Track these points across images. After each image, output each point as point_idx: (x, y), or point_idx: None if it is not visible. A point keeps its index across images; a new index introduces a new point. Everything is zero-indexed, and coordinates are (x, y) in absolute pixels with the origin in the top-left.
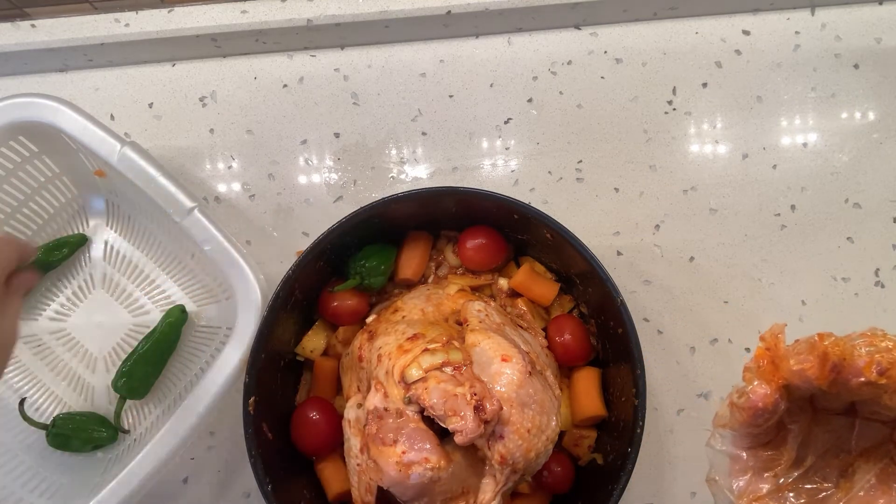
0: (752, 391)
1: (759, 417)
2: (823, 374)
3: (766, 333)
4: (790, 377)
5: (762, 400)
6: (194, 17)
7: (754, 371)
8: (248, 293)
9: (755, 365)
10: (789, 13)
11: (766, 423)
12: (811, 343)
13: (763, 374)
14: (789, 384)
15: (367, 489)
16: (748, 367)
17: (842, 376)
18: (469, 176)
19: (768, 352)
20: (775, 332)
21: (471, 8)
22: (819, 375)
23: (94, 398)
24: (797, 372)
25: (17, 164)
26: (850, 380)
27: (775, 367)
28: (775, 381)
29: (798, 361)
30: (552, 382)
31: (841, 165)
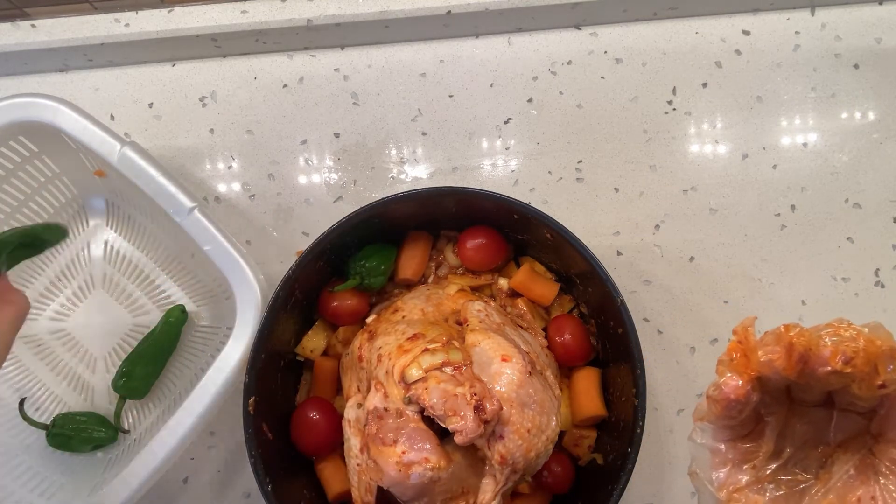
0: (724, 383)
1: (733, 409)
2: (791, 365)
3: (738, 326)
4: (760, 368)
5: (734, 392)
6: (194, 17)
7: (726, 364)
8: (248, 293)
9: (727, 358)
10: (789, 13)
11: (739, 414)
12: (778, 334)
13: (735, 367)
14: (761, 376)
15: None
16: (721, 360)
17: (809, 366)
18: (469, 176)
19: (740, 344)
20: (746, 324)
21: (471, 8)
22: (786, 366)
23: (94, 398)
24: (765, 363)
25: (17, 164)
26: (816, 369)
27: (747, 359)
28: (747, 373)
29: (766, 353)
30: (552, 382)
31: (841, 165)
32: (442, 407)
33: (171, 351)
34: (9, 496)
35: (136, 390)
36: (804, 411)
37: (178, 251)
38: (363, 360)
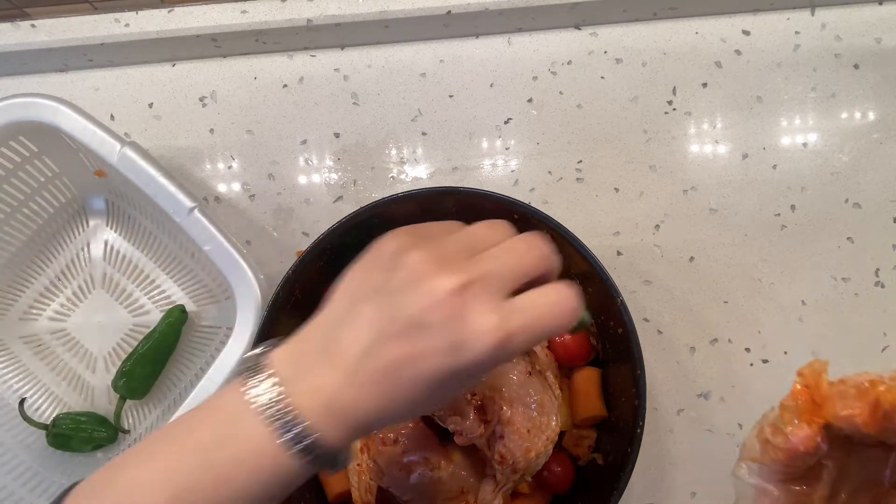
0: (792, 433)
1: (798, 459)
2: (874, 422)
3: (806, 370)
4: (835, 421)
5: (803, 443)
6: (194, 17)
7: (792, 410)
8: (248, 293)
9: (793, 402)
10: (789, 13)
11: (804, 464)
12: (861, 388)
13: (802, 414)
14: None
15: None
16: (785, 405)
17: (892, 422)
18: (469, 176)
19: (808, 389)
20: (818, 369)
21: (471, 8)
22: (868, 422)
23: (94, 398)
24: (845, 417)
25: (17, 164)
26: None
27: (816, 406)
28: (816, 421)
29: (845, 406)
30: (552, 382)
31: (841, 165)
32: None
33: (171, 351)
34: (9, 496)
35: (136, 390)
36: (860, 451)
37: (178, 251)
38: None
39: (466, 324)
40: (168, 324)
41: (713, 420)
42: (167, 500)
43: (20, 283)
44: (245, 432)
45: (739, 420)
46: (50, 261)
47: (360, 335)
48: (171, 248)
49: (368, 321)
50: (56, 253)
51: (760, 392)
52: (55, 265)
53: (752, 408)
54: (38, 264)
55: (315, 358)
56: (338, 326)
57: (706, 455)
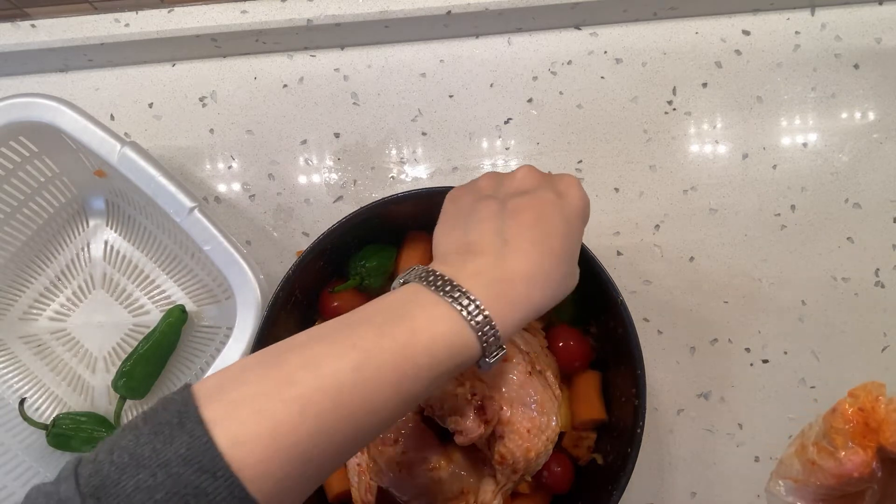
0: (847, 458)
1: (850, 485)
2: None
3: (860, 391)
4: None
5: (858, 469)
6: (194, 17)
7: (845, 433)
8: (248, 293)
9: (843, 425)
10: (789, 13)
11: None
12: None
13: (856, 437)
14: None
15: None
16: (837, 429)
17: None
18: (469, 176)
19: (862, 412)
20: (874, 392)
21: (471, 8)
22: None
23: (94, 398)
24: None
25: (17, 164)
26: None
27: (870, 429)
28: (871, 445)
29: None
30: (552, 382)
31: (841, 165)
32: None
33: (171, 351)
34: (9, 496)
35: (136, 390)
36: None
37: (177, 251)
38: None
39: (556, 183)
40: (168, 324)
41: (713, 420)
42: (351, 368)
43: (20, 283)
44: (428, 312)
45: (739, 420)
46: (50, 261)
47: (488, 221)
48: (171, 248)
49: (489, 209)
50: (56, 253)
51: (760, 392)
52: (55, 265)
53: (752, 408)
54: (38, 264)
55: (462, 257)
56: (465, 230)
57: (706, 455)
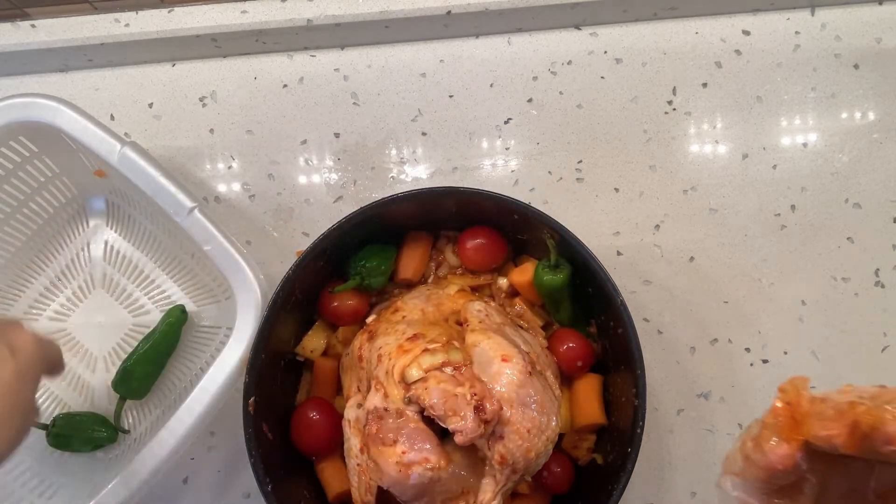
0: (771, 450)
1: (777, 477)
2: (853, 443)
3: (788, 386)
4: (815, 441)
5: (782, 462)
6: (194, 17)
7: (772, 427)
8: (248, 293)
9: (773, 420)
10: (789, 13)
11: (785, 481)
12: (839, 410)
13: (782, 430)
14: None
15: (367, 489)
16: (766, 423)
17: (871, 443)
18: (469, 176)
19: (788, 406)
20: (798, 386)
21: (471, 8)
22: (847, 444)
23: (94, 398)
24: (823, 438)
25: (17, 164)
26: (880, 447)
27: (796, 423)
28: (796, 439)
29: (824, 427)
30: (552, 382)
31: (841, 165)
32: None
33: (171, 351)
34: (9, 496)
35: (136, 390)
36: (844, 463)
37: (178, 251)
38: (363, 360)
39: None
40: (168, 324)
41: (713, 420)
42: None
43: (20, 283)
44: None
45: (739, 420)
46: (50, 261)
47: None
48: (171, 248)
49: None
50: (56, 253)
51: (760, 392)
52: (55, 265)
53: (752, 408)
54: (38, 264)
55: None
56: None
57: (706, 455)
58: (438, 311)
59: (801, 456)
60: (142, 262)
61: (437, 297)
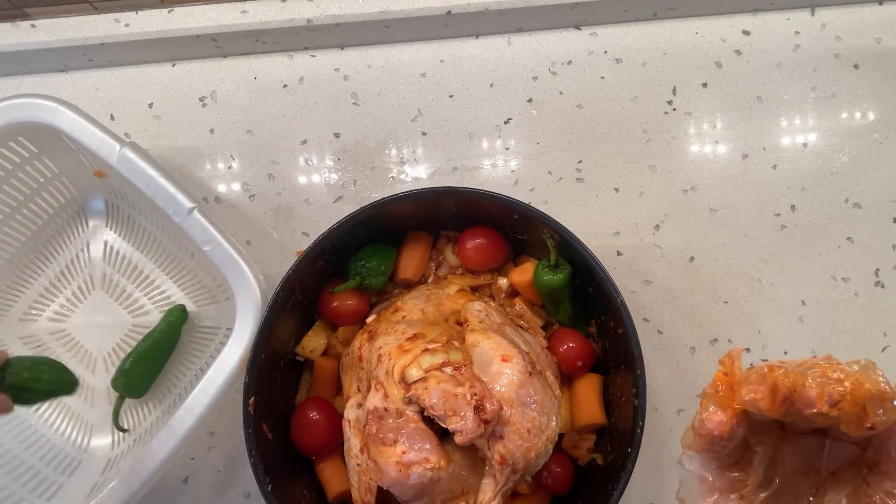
0: (707, 418)
1: (716, 444)
2: (775, 406)
3: (725, 357)
4: (743, 405)
5: (717, 427)
6: (194, 17)
7: (711, 397)
8: (248, 293)
9: (713, 390)
10: (789, 13)
11: (724, 448)
12: (762, 373)
13: (720, 400)
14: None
15: (367, 489)
16: (706, 393)
17: (794, 407)
18: (469, 176)
19: (726, 377)
20: (733, 356)
21: (471, 8)
22: (770, 406)
23: (94, 398)
24: (749, 401)
25: (16, 165)
26: (802, 410)
27: (733, 392)
28: (732, 407)
29: (749, 391)
30: (552, 382)
31: (841, 165)
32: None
33: (172, 350)
34: (9, 496)
35: (135, 389)
36: (796, 438)
37: (177, 251)
38: (363, 360)
39: None
40: (168, 323)
41: None
42: None
43: (20, 284)
44: None
45: None
46: (50, 261)
47: None
48: (171, 248)
49: None
50: (56, 253)
51: None
52: (55, 265)
53: None
54: (38, 265)
55: None
56: None
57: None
58: (438, 311)
59: (737, 422)
60: (141, 263)
61: (437, 297)
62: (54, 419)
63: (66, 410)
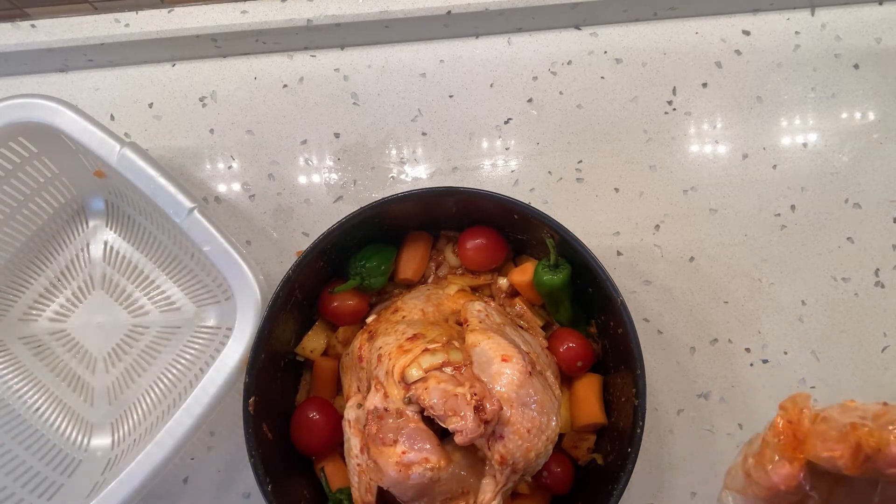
0: (774, 470)
1: (780, 497)
2: (855, 465)
3: (788, 403)
4: (817, 461)
5: (784, 482)
6: (194, 17)
7: (774, 446)
8: (248, 293)
9: (775, 438)
10: (789, 13)
11: (786, 500)
12: (842, 432)
13: (784, 450)
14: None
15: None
16: (767, 442)
17: (874, 465)
18: (469, 176)
19: (790, 425)
20: (800, 404)
21: (471, 8)
22: (850, 465)
23: (94, 398)
24: (826, 458)
25: (16, 165)
26: (884, 468)
27: (797, 442)
28: (798, 458)
29: (827, 448)
30: (552, 382)
31: (841, 165)
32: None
33: None
34: (9, 496)
35: None
36: (848, 480)
37: (177, 252)
38: (363, 360)
39: None
40: None
41: (713, 420)
42: None
43: (20, 284)
44: None
45: (739, 420)
46: (50, 261)
47: None
48: (171, 248)
49: None
50: (56, 253)
51: (760, 392)
52: (55, 266)
53: (752, 408)
54: (38, 265)
55: None
56: None
57: (706, 455)
58: (438, 311)
59: (804, 475)
60: (141, 263)
61: (437, 297)
62: (54, 419)
63: (66, 410)
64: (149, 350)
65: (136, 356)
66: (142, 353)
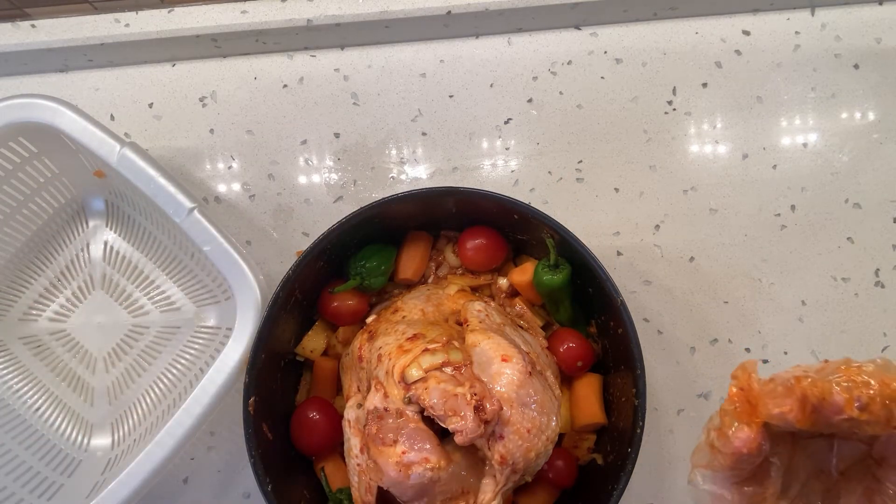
0: (734, 435)
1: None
2: (804, 417)
3: (738, 371)
4: (769, 420)
5: (745, 445)
6: (194, 17)
7: (731, 413)
8: (248, 293)
9: (731, 406)
10: (789, 13)
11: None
12: (788, 386)
13: (740, 416)
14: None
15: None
16: (724, 410)
17: (822, 415)
18: (469, 176)
19: (742, 392)
20: (748, 370)
21: (471, 8)
22: (800, 418)
23: (94, 398)
24: (777, 415)
25: (16, 165)
26: (831, 418)
27: (752, 406)
28: (755, 422)
29: (776, 405)
30: (552, 382)
31: (841, 165)
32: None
33: None
34: (9, 496)
35: None
36: (805, 443)
37: (177, 252)
38: (363, 360)
39: None
40: None
41: None
42: None
43: (20, 284)
44: None
45: None
46: (50, 261)
47: None
48: (171, 248)
49: None
50: (56, 253)
51: None
52: (55, 266)
53: None
54: (38, 265)
55: None
56: None
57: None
58: (438, 311)
59: (763, 437)
60: (141, 263)
61: (437, 297)
62: (54, 419)
63: (66, 410)
64: (149, 350)
65: (136, 356)
66: (142, 353)
